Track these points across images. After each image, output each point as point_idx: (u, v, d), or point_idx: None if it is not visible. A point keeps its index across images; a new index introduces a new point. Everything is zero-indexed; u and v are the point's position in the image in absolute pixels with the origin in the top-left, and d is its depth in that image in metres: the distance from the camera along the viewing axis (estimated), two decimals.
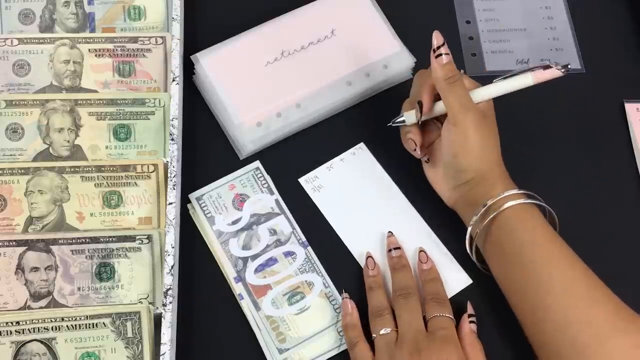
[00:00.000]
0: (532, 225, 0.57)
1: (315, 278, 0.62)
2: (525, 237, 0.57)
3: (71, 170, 0.63)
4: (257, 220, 0.64)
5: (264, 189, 0.66)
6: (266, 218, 0.65)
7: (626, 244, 0.67)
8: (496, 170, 0.60)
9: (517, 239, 0.57)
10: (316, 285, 0.62)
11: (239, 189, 0.66)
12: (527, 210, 0.58)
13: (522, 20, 0.79)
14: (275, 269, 0.62)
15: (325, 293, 0.62)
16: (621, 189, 0.70)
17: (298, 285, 0.62)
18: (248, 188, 0.66)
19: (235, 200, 0.65)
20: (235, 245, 0.63)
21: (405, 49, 0.73)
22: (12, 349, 0.56)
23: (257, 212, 0.65)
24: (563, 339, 0.53)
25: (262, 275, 0.62)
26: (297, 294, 0.61)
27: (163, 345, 0.56)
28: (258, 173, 0.67)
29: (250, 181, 0.66)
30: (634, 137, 0.72)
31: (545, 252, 0.56)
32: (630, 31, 0.79)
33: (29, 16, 0.71)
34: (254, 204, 0.65)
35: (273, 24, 0.73)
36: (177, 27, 0.69)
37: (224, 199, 0.65)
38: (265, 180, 0.67)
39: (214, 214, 0.64)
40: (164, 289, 0.58)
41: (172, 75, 0.67)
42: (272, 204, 0.65)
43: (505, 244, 0.57)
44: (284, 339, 0.59)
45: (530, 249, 0.56)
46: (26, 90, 0.68)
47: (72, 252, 0.60)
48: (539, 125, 0.73)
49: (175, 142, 0.64)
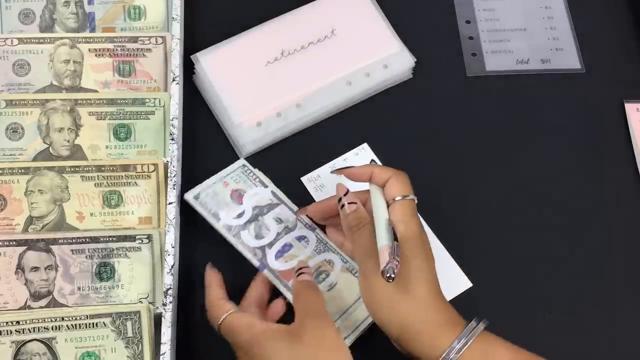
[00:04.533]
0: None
1: (332, 256, 0.62)
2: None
3: (71, 170, 0.63)
4: (261, 211, 0.64)
5: (257, 183, 0.65)
6: (268, 209, 0.64)
7: (626, 244, 0.67)
8: (429, 318, 0.51)
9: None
10: (336, 262, 0.62)
11: (232, 185, 0.65)
12: (490, 344, 0.51)
13: (522, 20, 0.79)
14: (293, 253, 0.62)
15: (347, 267, 0.62)
16: (621, 189, 0.70)
17: (320, 264, 0.62)
18: (241, 184, 0.65)
19: (233, 196, 0.64)
20: (247, 236, 0.62)
21: (405, 49, 0.73)
22: (12, 348, 0.55)
23: (258, 204, 0.64)
24: None
25: (284, 260, 0.61)
26: (322, 272, 0.61)
27: (163, 345, 0.56)
28: (246, 170, 0.66)
29: (242, 177, 0.66)
30: (634, 137, 0.72)
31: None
32: (630, 31, 0.79)
33: (29, 16, 0.71)
34: (252, 197, 0.65)
35: (273, 24, 0.73)
36: (177, 26, 0.69)
37: (221, 195, 0.64)
38: (256, 175, 0.66)
39: (216, 210, 0.63)
40: (164, 288, 0.58)
41: (172, 75, 0.67)
42: (270, 195, 0.65)
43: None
44: None
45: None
46: (26, 90, 0.67)
47: (72, 252, 0.60)
48: (539, 125, 0.73)
49: (175, 142, 0.64)
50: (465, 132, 0.72)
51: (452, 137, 0.72)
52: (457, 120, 0.73)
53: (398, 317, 0.51)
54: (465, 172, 0.70)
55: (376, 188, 0.57)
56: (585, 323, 0.63)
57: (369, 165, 0.58)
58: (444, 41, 0.78)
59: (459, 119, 0.73)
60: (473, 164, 0.70)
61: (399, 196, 0.54)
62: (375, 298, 0.52)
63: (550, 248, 0.66)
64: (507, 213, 0.68)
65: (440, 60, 0.76)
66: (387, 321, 0.52)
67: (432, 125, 0.73)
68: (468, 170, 0.70)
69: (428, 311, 0.51)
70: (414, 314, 0.51)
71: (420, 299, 0.51)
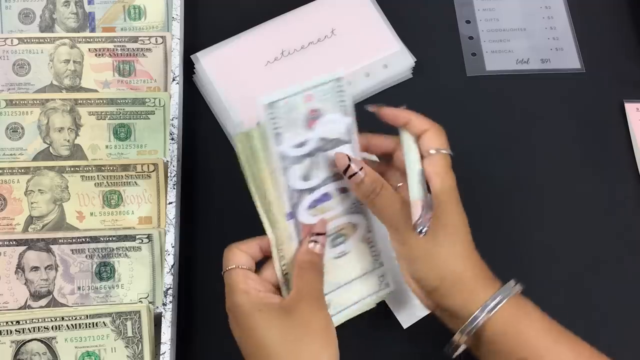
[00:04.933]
0: (532, 327, 0.50)
1: (360, 220, 0.57)
2: (530, 341, 0.49)
3: (71, 169, 0.63)
4: (324, 145, 0.54)
5: (339, 107, 0.54)
6: (333, 145, 0.54)
7: (626, 244, 0.67)
8: (467, 270, 0.51)
9: (519, 344, 0.49)
10: (359, 228, 0.57)
11: (316, 102, 0.53)
12: (521, 308, 0.51)
13: (522, 20, 0.79)
14: (326, 206, 0.55)
15: (367, 238, 0.57)
16: (621, 189, 0.70)
17: (343, 226, 0.56)
18: (325, 103, 0.53)
19: (309, 116, 0.53)
20: (295, 174, 0.53)
21: (405, 49, 0.73)
22: (12, 348, 0.56)
23: (326, 136, 0.54)
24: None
25: (313, 213, 0.55)
26: (340, 236, 0.57)
27: (163, 345, 0.56)
28: (339, 86, 0.54)
29: (329, 95, 0.54)
30: (634, 137, 0.72)
31: (557, 355, 0.50)
32: (630, 31, 0.79)
33: (29, 16, 0.71)
34: (325, 124, 0.54)
35: (273, 24, 0.73)
36: (177, 26, 0.69)
37: (297, 112, 0.53)
38: (344, 97, 0.54)
39: (283, 131, 0.52)
40: (164, 288, 0.58)
41: (172, 74, 0.67)
42: (343, 128, 0.54)
43: (506, 349, 0.50)
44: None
45: (538, 355, 0.49)
46: (26, 89, 0.68)
47: (72, 252, 0.60)
48: (539, 125, 0.73)
49: (175, 141, 0.64)
50: (465, 132, 0.72)
51: (451, 137, 0.72)
52: (457, 120, 0.73)
53: (437, 269, 0.50)
54: (465, 171, 0.70)
55: (409, 137, 0.54)
56: (585, 322, 0.63)
57: (407, 111, 0.54)
58: (444, 41, 0.78)
59: (459, 118, 0.73)
60: (473, 164, 0.70)
61: (435, 149, 0.53)
62: (412, 253, 0.51)
63: (550, 248, 0.66)
64: (507, 212, 0.68)
65: (440, 60, 0.76)
66: (424, 274, 0.51)
67: None
68: (468, 170, 0.70)
69: (467, 264, 0.51)
70: (453, 266, 0.50)
71: (458, 253, 0.51)
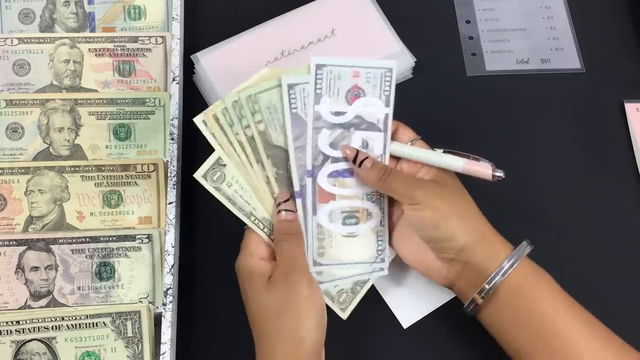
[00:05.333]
0: (549, 293, 0.53)
1: (375, 210, 0.60)
2: (544, 307, 0.53)
3: (71, 169, 0.63)
4: (359, 124, 0.58)
5: (383, 95, 0.58)
6: (367, 127, 0.58)
7: (627, 244, 0.67)
8: (488, 231, 0.56)
9: (534, 309, 0.53)
10: (373, 218, 0.60)
11: (361, 81, 0.58)
12: (539, 274, 0.54)
13: (522, 20, 0.79)
14: (347, 182, 0.59)
15: (377, 231, 0.60)
16: (621, 189, 0.70)
17: (358, 209, 0.59)
18: (369, 86, 0.58)
19: (351, 91, 0.58)
20: (325, 137, 0.57)
21: (406, 49, 0.73)
22: (12, 348, 0.56)
23: (364, 116, 0.58)
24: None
25: (333, 183, 0.58)
26: (353, 217, 0.59)
27: (163, 345, 0.56)
28: (388, 76, 0.58)
29: (376, 80, 0.58)
30: (634, 137, 0.72)
31: (570, 323, 0.52)
32: (630, 31, 0.79)
33: (29, 16, 0.71)
34: (365, 105, 0.58)
35: (273, 24, 0.73)
36: (177, 26, 0.69)
37: (342, 82, 0.57)
38: (390, 88, 0.59)
39: (323, 93, 0.57)
40: (164, 288, 0.58)
41: (172, 74, 0.67)
42: (381, 116, 0.58)
43: (520, 313, 0.53)
44: (323, 253, 0.58)
45: (552, 321, 0.52)
46: (26, 89, 0.68)
47: (72, 252, 0.60)
48: (539, 125, 0.73)
49: (175, 141, 0.64)
50: (465, 132, 0.72)
51: (451, 137, 0.72)
52: (457, 120, 0.73)
53: (467, 223, 0.55)
54: None
55: (397, 144, 0.59)
56: None
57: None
58: (444, 41, 0.78)
59: (459, 118, 0.73)
60: None
61: (413, 139, 0.60)
62: (439, 213, 0.54)
63: (550, 248, 0.66)
64: (506, 212, 0.68)
65: (440, 60, 0.76)
66: (451, 232, 0.54)
67: (432, 125, 0.72)
68: None
69: (484, 219, 0.56)
70: (477, 219, 0.56)
71: (476, 210, 0.56)
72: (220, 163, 0.56)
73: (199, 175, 0.56)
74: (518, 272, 0.53)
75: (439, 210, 0.54)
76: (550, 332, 0.52)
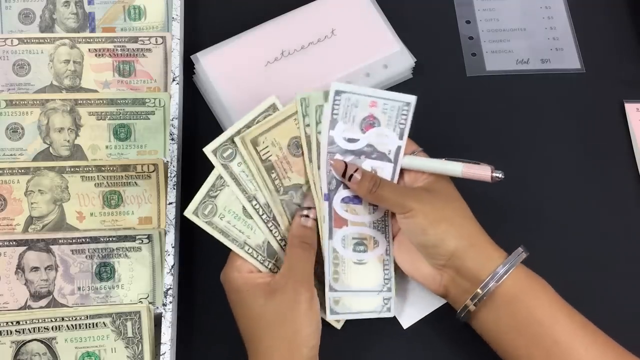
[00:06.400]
0: (547, 300, 0.53)
1: (381, 240, 0.60)
2: (543, 314, 0.53)
3: (71, 170, 0.63)
4: (370, 153, 0.59)
5: (398, 127, 0.59)
6: (378, 156, 0.59)
7: (626, 244, 0.67)
8: (480, 231, 0.56)
9: (533, 316, 0.53)
10: (380, 247, 0.60)
11: (377, 111, 0.59)
12: (536, 281, 0.54)
13: (522, 20, 0.79)
14: (357, 209, 0.60)
15: (384, 260, 0.60)
16: (621, 189, 0.70)
17: (366, 237, 0.60)
18: (385, 117, 0.59)
19: (366, 120, 0.59)
20: None
21: (405, 49, 0.73)
22: (13, 348, 0.56)
23: (376, 145, 0.59)
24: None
25: (345, 208, 0.59)
26: (362, 244, 0.60)
27: (163, 345, 0.56)
28: (406, 110, 0.59)
29: (394, 112, 0.59)
30: (634, 137, 0.72)
31: (570, 331, 0.52)
32: (630, 31, 0.79)
33: (29, 16, 0.71)
34: (378, 135, 0.59)
35: (273, 24, 0.73)
36: (177, 26, 0.69)
37: (359, 110, 0.59)
38: (406, 121, 0.59)
39: (339, 119, 0.58)
40: (164, 288, 0.58)
41: (172, 75, 0.67)
42: (393, 147, 0.59)
43: (518, 320, 0.53)
44: (337, 279, 0.58)
45: (551, 329, 0.52)
46: (26, 90, 0.68)
47: (72, 252, 0.60)
48: (539, 125, 0.73)
49: (175, 141, 0.64)
50: (465, 132, 0.72)
51: (451, 137, 0.72)
52: (457, 120, 0.73)
53: (456, 228, 0.55)
54: None
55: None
56: None
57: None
58: (444, 41, 0.78)
59: (459, 119, 0.73)
60: None
61: (414, 151, 0.60)
62: (429, 218, 0.54)
63: (550, 248, 0.66)
64: (506, 212, 0.68)
65: (440, 60, 0.76)
66: (441, 237, 0.54)
67: (431, 125, 0.72)
68: None
69: (478, 225, 0.56)
70: (469, 225, 0.56)
71: (469, 215, 0.57)
72: (210, 195, 0.57)
73: (189, 212, 0.56)
74: (515, 279, 0.53)
75: (428, 216, 0.54)
76: (549, 339, 0.52)
